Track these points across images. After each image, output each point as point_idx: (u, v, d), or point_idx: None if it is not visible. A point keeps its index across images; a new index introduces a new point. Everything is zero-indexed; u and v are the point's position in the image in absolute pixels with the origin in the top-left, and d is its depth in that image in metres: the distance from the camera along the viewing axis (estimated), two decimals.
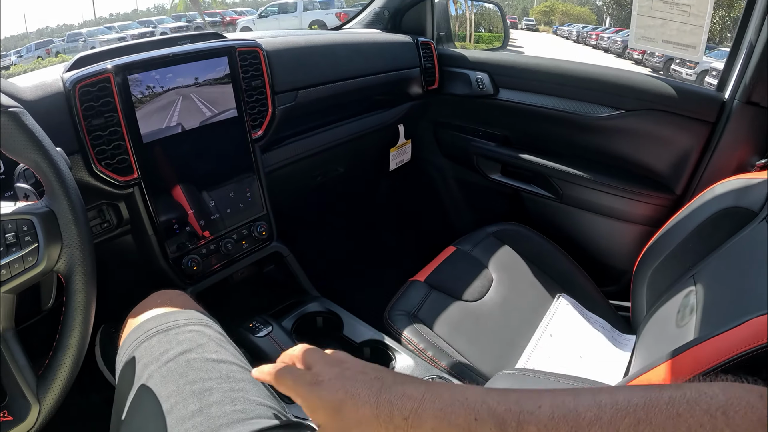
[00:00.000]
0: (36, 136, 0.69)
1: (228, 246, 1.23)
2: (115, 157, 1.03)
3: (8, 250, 0.64)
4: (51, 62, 21.54)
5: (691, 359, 0.68)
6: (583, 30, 29.36)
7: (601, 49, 24.28)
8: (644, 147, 1.54)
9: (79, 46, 23.15)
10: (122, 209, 1.13)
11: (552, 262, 1.48)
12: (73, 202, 0.70)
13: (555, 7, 44.67)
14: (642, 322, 1.18)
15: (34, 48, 24.88)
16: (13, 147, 0.67)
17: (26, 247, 0.66)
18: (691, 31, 1.39)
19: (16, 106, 0.68)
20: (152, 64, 1.07)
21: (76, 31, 25.78)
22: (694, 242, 1.13)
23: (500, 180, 1.87)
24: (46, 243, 0.67)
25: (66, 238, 0.69)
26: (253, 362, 0.90)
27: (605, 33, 25.12)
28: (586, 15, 42.51)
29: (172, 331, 0.85)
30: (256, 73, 1.25)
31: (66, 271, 0.69)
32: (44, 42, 25.73)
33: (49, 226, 0.68)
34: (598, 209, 1.64)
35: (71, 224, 0.69)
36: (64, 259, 0.69)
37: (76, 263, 0.69)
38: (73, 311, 0.69)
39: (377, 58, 1.67)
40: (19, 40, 38.82)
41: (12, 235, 0.65)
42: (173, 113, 1.11)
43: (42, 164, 0.69)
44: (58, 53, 23.18)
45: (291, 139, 1.47)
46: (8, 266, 0.64)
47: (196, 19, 28.40)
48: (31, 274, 0.66)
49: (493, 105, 1.80)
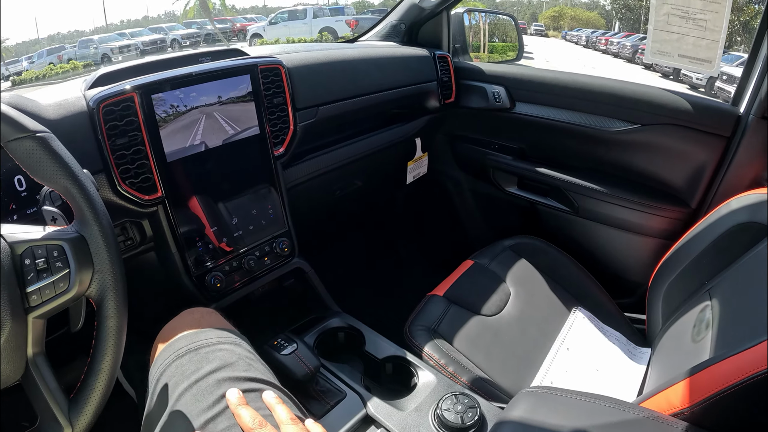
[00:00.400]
0: (65, 161, 0.69)
1: (250, 263, 1.24)
2: (139, 176, 1.04)
3: (39, 276, 0.65)
4: (62, 68, 21.71)
5: (708, 378, 0.68)
6: (592, 35, 29.32)
7: (611, 54, 24.23)
8: (660, 161, 1.54)
9: (90, 52, 23.26)
10: (146, 227, 1.14)
11: (568, 276, 1.48)
12: (103, 228, 0.70)
13: (564, 12, 44.64)
14: (657, 335, 1.19)
15: (46, 54, 25.04)
16: (42, 172, 0.67)
17: (57, 273, 0.66)
18: (707, 46, 1.39)
19: (44, 131, 0.69)
20: (176, 83, 1.08)
21: (88, 37, 25.90)
22: (709, 257, 1.13)
23: (516, 193, 1.87)
24: (78, 268, 0.67)
25: (97, 264, 0.69)
26: (279, 380, 0.91)
27: (614, 38, 25.08)
28: (595, 20, 42.46)
29: (202, 349, 0.86)
30: (278, 91, 1.26)
31: (98, 296, 0.69)
32: (56, 48, 25.88)
33: (80, 251, 0.68)
34: (613, 222, 1.64)
35: (102, 250, 0.69)
36: (95, 285, 0.69)
37: (107, 288, 0.69)
38: (105, 336, 0.69)
39: (395, 73, 1.67)
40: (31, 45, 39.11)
41: (42, 260, 0.65)
42: (197, 132, 1.12)
43: (72, 190, 0.69)
44: (70, 59, 23.31)
45: (311, 154, 1.47)
46: (39, 292, 0.64)
47: (207, 25, 28.53)
48: (62, 300, 0.66)
49: (510, 118, 1.81)
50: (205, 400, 0.76)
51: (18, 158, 0.67)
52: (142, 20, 52.28)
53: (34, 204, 0.98)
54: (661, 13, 1.42)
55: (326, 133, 1.54)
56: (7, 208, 0.95)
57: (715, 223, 1.17)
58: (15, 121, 0.66)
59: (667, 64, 1.47)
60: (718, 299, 0.97)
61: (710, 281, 1.06)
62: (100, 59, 22.80)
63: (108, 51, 22.75)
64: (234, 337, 0.92)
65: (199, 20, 29.98)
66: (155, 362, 0.88)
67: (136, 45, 23.42)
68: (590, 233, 1.72)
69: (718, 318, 0.92)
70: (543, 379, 1.17)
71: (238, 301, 1.26)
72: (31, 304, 0.64)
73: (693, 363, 0.74)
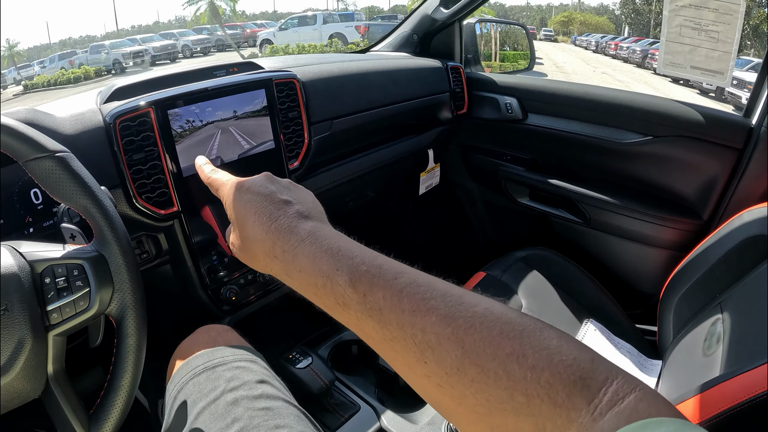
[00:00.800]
0: (84, 180, 0.69)
1: (265, 275, 1.24)
2: (155, 191, 1.05)
3: (59, 295, 0.65)
4: (74, 73, 21.92)
5: (719, 394, 0.68)
6: (602, 40, 29.32)
7: (621, 59, 24.19)
8: (672, 172, 1.54)
9: (101, 57, 23.48)
10: (161, 240, 1.15)
11: (580, 288, 1.47)
12: (123, 247, 0.70)
13: (573, 17, 44.63)
14: (669, 348, 1.18)
15: (58, 59, 25.29)
16: (61, 192, 0.68)
17: (77, 292, 0.66)
18: (719, 57, 1.39)
19: (63, 151, 0.69)
20: (192, 99, 1.09)
21: (99, 42, 26.15)
22: (721, 270, 1.12)
23: (528, 204, 1.87)
24: (98, 287, 0.67)
25: (117, 283, 0.69)
26: (294, 393, 0.91)
27: (624, 43, 25.08)
28: (604, 24, 42.43)
29: (219, 368, 0.86)
30: (293, 104, 1.26)
31: (118, 314, 0.70)
32: (67, 53, 26.15)
33: (100, 270, 0.68)
34: (625, 234, 1.63)
35: (122, 269, 0.70)
36: (115, 303, 0.69)
37: (128, 307, 0.70)
38: (125, 353, 0.70)
39: (409, 84, 1.67)
40: (42, 50, 39.49)
41: (63, 279, 0.66)
42: (212, 146, 1.12)
43: (91, 209, 0.69)
44: (81, 65, 23.54)
45: (324, 167, 1.47)
46: (59, 310, 0.65)
47: (217, 31, 28.74)
48: (82, 318, 0.67)
49: (522, 129, 1.81)
50: (223, 419, 0.76)
51: (37, 177, 0.68)
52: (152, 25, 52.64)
53: (50, 217, 0.99)
54: (674, 24, 1.42)
55: (340, 146, 1.54)
56: (23, 221, 0.96)
57: (727, 236, 1.16)
58: (34, 140, 0.67)
59: (679, 75, 1.47)
60: (729, 313, 0.97)
61: (722, 294, 1.06)
62: (111, 64, 23.00)
63: (119, 56, 22.95)
64: (249, 355, 0.92)
65: (209, 26, 30.20)
66: (172, 379, 0.89)
67: (147, 50, 23.59)
68: (602, 245, 1.72)
69: (729, 332, 0.91)
70: None
71: (252, 314, 1.27)
72: (52, 322, 0.64)
73: (704, 377, 0.75)
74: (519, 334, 0.37)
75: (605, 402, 0.33)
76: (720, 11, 1.36)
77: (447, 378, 0.38)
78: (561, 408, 0.34)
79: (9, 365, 0.60)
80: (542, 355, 0.36)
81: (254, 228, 0.54)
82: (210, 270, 1.17)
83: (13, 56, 32.80)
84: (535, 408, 0.34)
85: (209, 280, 1.17)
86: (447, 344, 0.38)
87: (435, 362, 0.39)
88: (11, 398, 0.62)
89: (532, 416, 0.34)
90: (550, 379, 0.34)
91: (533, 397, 0.34)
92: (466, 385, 0.37)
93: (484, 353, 0.37)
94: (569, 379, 0.34)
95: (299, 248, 0.49)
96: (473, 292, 0.43)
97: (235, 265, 1.20)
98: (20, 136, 0.66)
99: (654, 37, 32.22)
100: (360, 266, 0.45)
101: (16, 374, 0.61)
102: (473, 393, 0.37)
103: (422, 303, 0.41)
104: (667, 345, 1.20)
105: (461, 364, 0.37)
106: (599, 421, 0.32)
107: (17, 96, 21.92)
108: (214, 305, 1.18)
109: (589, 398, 0.33)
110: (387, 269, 0.44)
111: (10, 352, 0.60)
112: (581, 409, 0.33)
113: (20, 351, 0.61)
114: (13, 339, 0.60)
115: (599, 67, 22.06)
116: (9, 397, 0.62)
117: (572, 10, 47.01)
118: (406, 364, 0.41)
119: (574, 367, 0.35)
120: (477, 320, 0.39)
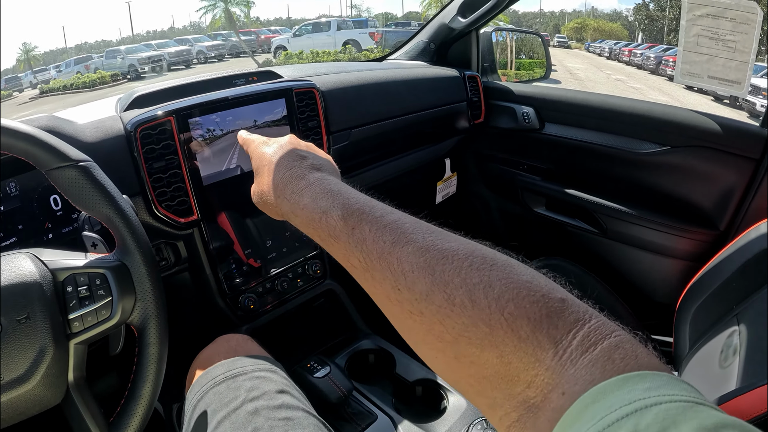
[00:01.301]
0: (108, 190, 0.70)
1: (284, 284, 1.25)
2: (175, 199, 1.05)
3: (81, 303, 0.66)
4: (90, 78, 22.13)
5: (736, 408, 0.68)
6: (615, 46, 29.19)
7: (634, 65, 24.08)
8: (688, 183, 1.53)
9: (117, 62, 23.68)
10: (180, 248, 1.15)
11: (595, 298, 1.44)
12: (146, 256, 0.71)
13: (586, 24, 44.52)
14: (684, 359, 1.17)
15: (74, 63, 25.53)
16: (84, 201, 0.69)
17: (100, 301, 0.67)
18: (737, 67, 1.38)
19: (87, 160, 0.70)
20: (212, 108, 1.09)
21: (115, 47, 26.39)
22: (738, 281, 1.11)
23: (545, 214, 1.86)
24: (120, 296, 0.68)
25: (140, 292, 0.70)
26: (312, 402, 0.91)
27: (638, 49, 24.95)
28: (618, 31, 42.27)
29: (239, 377, 0.87)
30: (312, 114, 1.26)
31: (140, 323, 0.70)
32: (83, 58, 26.40)
33: (123, 279, 0.69)
34: (641, 244, 1.63)
35: (145, 278, 0.70)
36: (138, 312, 0.70)
37: (150, 316, 0.70)
38: (146, 363, 0.70)
39: (426, 94, 1.67)
40: (59, 54, 39.90)
41: (85, 288, 0.66)
42: (233, 155, 1.13)
43: (114, 219, 0.70)
44: (97, 69, 23.75)
45: (342, 176, 1.47)
46: (81, 319, 0.65)
47: (232, 37, 28.90)
48: (104, 327, 0.67)
49: (539, 139, 1.80)
50: (243, 429, 0.77)
51: (60, 186, 0.68)
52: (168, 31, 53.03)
53: (70, 223, 1.00)
54: (691, 34, 1.42)
55: (358, 155, 1.54)
56: (43, 227, 0.97)
57: (744, 247, 1.15)
58: (57, 149, 0.68)
59: (696, 85, 1.47)
60: (746, 324, 0.96)
61: (738, 305, 1.05)
62: (127, 69, 23.19)
63: (135, 61, 23.13)
64: (269, 365, 0.93)
65: (224, 32, 30.38)
66: (192, 388, 0.89)
67: (162, 56, 23.76)
68: (618, 255, 1.71)
69: (746, 344, 0.90)
70: None
71: (269, 323, 1.27)
72: (73, 330, 0.65)
73: (720, 390, 0.74)
74: (489, 267, 0.39)
75: (575, 346, 0.33)
76: (737, 21, 1.35)
77: (417, 304, 0.40)
78: (526, 344, 0.34)
79: (30, 373, 0.61)
80: (509, 288, 0.37)
81: (272, 174, 0.61)
82: (227, 277, 1.17)
83: (30, 60, 33.17)
84: (498, 339, 0.35)
85: (228, 288, 1.17)
86: (419, 272, 0.41)
87: (407, 289, 0.41)
88: (32, 405, 0.63)
89: (495, 347, 0.35)
90: (514, 311, 0.35)
91: (496, 328, 0.35)
92: (434, 312, 0.39)
93: (452, 282, 0.39)
94: (534, 315, 0.35)
95: (306, 190, 0.55)
96: (460, 236, 0.45)
97: (252, 274, 1.21)
98: (43, 145, 0.67)
99: (668, 43, 32.08)
100: (354, 204, 0.49)
101: (38, 382, 0.61)
102: (440, 320, 0.38)
103: (402, 236, 0.44)
104: (683, 357, 1.20)
105: (430, 291, 0.39)
106: (570, 368, 0.32)
107: (33, 99, 22.16)
108: (232, 313, 1.19)
109: (556, 338, 0.33)
110: (378, 208, 0.48)
111: (31, 360, 0.61)
112: (548, 350, 0.33)
113: (41, 359, 0.61)
114: (34, 347, 0.61)
115: (613, 74, 21.97)
116: (30, 404, 0.62)
117: (585, 17, 46.92)
118: (383, 292, 0.44)
119: (541, 303, 0.35)
120: (450, 252, 0.41)
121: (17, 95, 24.23)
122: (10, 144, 0.66)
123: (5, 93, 24.53)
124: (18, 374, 0.60)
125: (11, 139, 0.66)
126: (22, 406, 0.62)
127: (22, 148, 0.67)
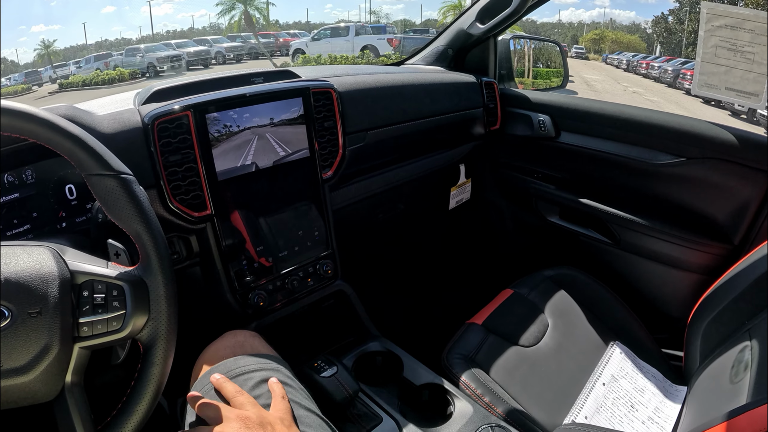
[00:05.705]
0: (143, 206, 0.71)
1: (294, 283, 1.25)
2: (189, 193, 1.06)
3: (94, 310, 0.66)
4: (108, 75, 22.29)
5: (746, 423, 0.67)
6: (633, 58, 29.03)
7: (652, 78, 23.94)
8: (704, 195, 1.52)
9: (136, 61, 23.83)
10: (193, 242, 1.16)
11: (607, 309, 1.46)
12: (167, 278, 0.71)
13: (605, 35, 44.32)
14: (695, 373, 1.16)
15: (93, 60, 25.70)
16: (118, 212, 0.69)
17: (113, 312, 0.67)
18: (755, 79, 1.37)
19: (127, 173, 0.71)
20: (230, 104, 1.10)
21: (134, 46, 26.55)
22: (751, 296, 1.10)
23: (558, 223, 1.85)
24: (133, 312, 0.68)
25: (154, 311, 0.70)
26: (317, 402, 0.91)
27: (655, 62, 24.77)
28: (635, 43, 42.03)
29: (244, 375, 0.87)
30: (329, 114, 1.27)
31: (147, 341, 0.70)
32: (103, 55, 26.56)
33: (140, 296, 0.69)
34: (655, 256, 1.62)
35: (162, 299, 0.70)
36: (148, 331, 0.69)
37: (159, 337, 0.70)
38: (146, 381, 0.70)
39: (443, 99, 1.67)
40: (78, 50, 40.16)
41: (101, 297, 0.66)
42: (248, 152, 1.14)
43: (143, 236, 0.70)
44: (116, 67, 23.92)
45: (357, 178, 1.48)
46: (91, 325, 0.65)
47: (250, 39, 29.04)
48: (112, 338, 0.67)
49: (554, 147, 1.80)
50: None
51: (97, 193, 0.69)
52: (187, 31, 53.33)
53: (84, 213, 1.01)
54: (709, 45, 1.41)
55: (373, 157, 1.55)
56: (57, 215, 0.98)
57: (758, 262, 1.14)
58: (101, 157, 0.69)
59: (714, 96, 1.46)
60: (758, 340, 0.95)
61: (750, 321, 1.04)
62: (146, 68, 23.35)
63: (154, 60, 23.28)
64: (274, 363, 0.93)
65: (243, 34, 30.53)
66: (197, 384, 0.90)
67: (181, 55, 23.89)
68: (631, 266, 1.70)
69: (758, 359, 0.90)
70: (578, 414, 1.16)
71: (278, 320, 1.27)
72: (80, 334, 0.65)
73: (730, 405, 0.74)
74: None
75: None
76: (756, 32, 1.34)
77: None
78: None
79: (30, 366, 0.61)
80: None
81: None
82: (238, 274, 1.17)
83: (50, 55, 33.45)
84: None
85: (238, 284, 1.18)
86: None
87: None
88: (23, 397, 0.63)
89: None
90: None
91: None
92: None
93: None
94: None
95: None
96: None
97: (263, 272, 1.21)
98: (89, 150, 0.68)
99: (686, 56, 31.86)
100: None
101: (36, 377, 0.62)
102: None
103: None
104: (694, 371, 1.19)
105: None
106: None
107: (52, 94, 22.34)
108: (241, 309, 1.19)
109: None
110: None
111: (33, 354, 0.61)
112: None
113: (44, 356, 0.62)
114: (40, 342, 0.61)
115: (630, 86, 21.86)
116: (21, 395, 0.63)
117: (604, 28, 46.77)
118: None
119: None
120: None
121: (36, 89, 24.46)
122: (57, 142, 0.67)
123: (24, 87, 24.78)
124: (18, 365, 0.61)
125: (59, 137, 0.67)
126: (15, 395, 0.62)
127: (68, 149, 0.68)
